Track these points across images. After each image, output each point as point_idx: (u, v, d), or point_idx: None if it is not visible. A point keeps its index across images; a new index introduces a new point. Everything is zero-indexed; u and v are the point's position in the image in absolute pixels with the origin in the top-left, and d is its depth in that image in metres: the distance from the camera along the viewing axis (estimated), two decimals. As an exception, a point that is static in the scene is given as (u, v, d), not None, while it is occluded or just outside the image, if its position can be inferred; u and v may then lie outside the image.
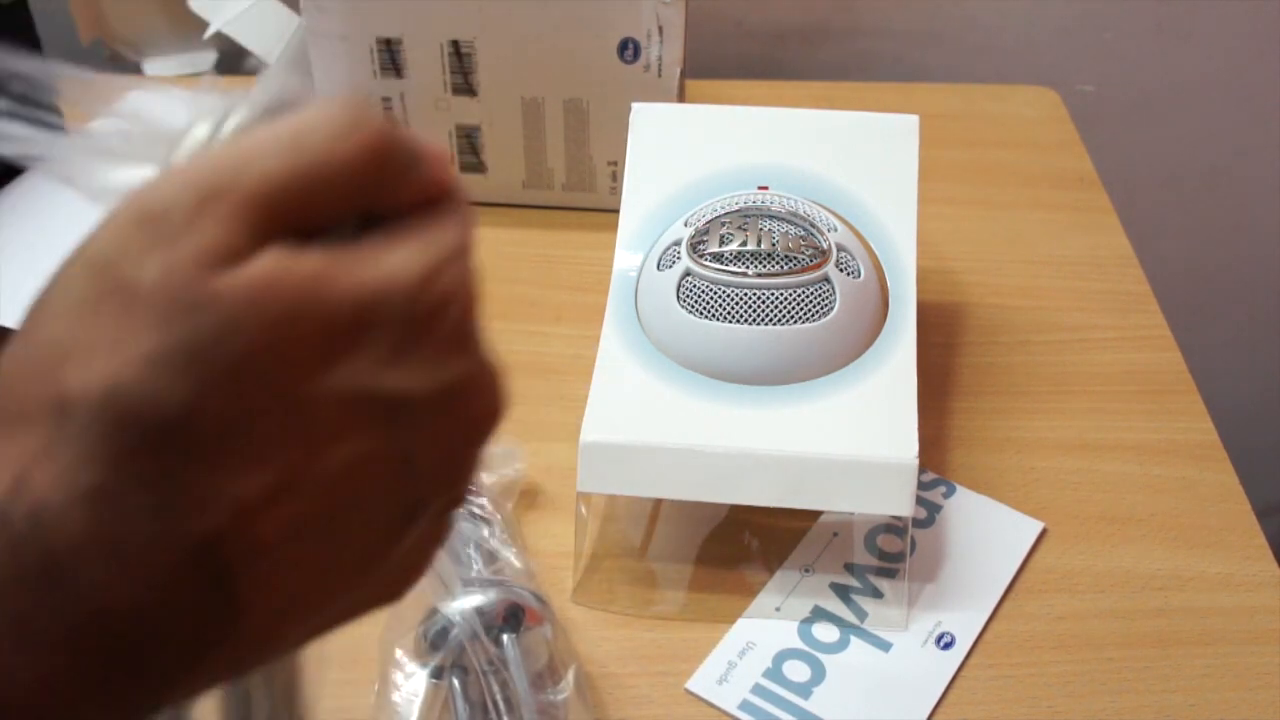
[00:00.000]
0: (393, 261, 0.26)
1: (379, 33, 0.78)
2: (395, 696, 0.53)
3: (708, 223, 0.63)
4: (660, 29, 0.77)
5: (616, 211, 0.67)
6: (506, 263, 0.81)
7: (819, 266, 0.60)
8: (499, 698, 0.51)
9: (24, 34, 0.80)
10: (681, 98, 0.80)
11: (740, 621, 0.60)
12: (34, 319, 0.26)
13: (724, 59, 1.03)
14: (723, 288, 0.60)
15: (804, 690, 0.57)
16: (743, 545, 0.63)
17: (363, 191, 0.27)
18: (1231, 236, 1.17)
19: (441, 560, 0.55)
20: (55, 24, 0.90)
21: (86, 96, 0.29)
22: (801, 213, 0.63)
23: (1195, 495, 0.66)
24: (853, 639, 0.59)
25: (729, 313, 0.60)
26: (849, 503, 0.59)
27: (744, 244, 0.61)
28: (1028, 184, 0.88)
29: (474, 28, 0.78)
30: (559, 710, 0.52)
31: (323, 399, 0.25)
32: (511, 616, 0.52)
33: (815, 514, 0.64)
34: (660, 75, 0.78)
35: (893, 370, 0.60)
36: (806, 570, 0.62)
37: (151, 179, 0.26)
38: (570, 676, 0.53)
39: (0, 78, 0.28)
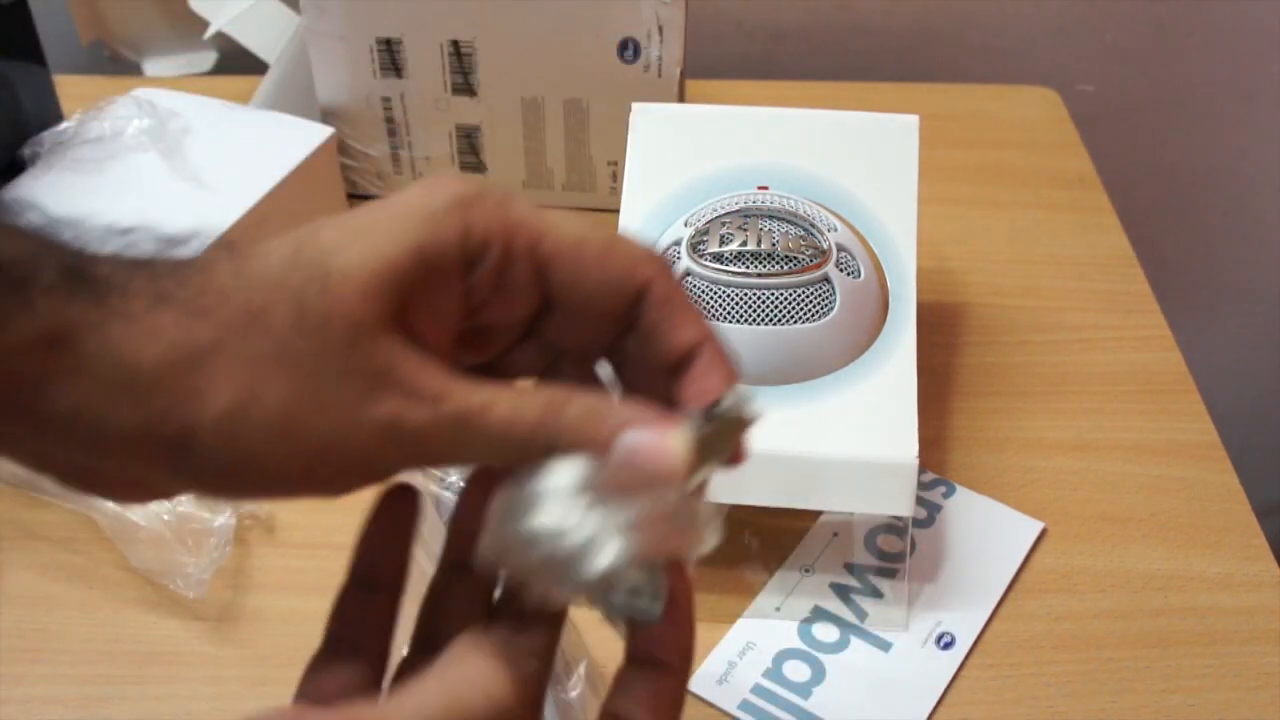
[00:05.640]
0: None
1: (379, 33, 0.78)
2: None
3: (708, 223, 0.63)
4: (660, 29, 0.77)
5: (616, 211, 0.67)
6: (506, 263, 0.81)
7: (819, 266, 0.60)
8: None
9: (24, 34, 0.80)
10: (681, 98, 0.80)
11: (740, 621, 0.60)
12: None
13: (724, 59, 1.03)
14: (723, 288, 0.60)
15: (804, 690, 0.57)
16: (743, 545, 0.63)
17: None
18: (1231, 236, 1.17)
19: None
20: (55, 24, 0.90)
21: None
22: (801, 213, 0.63)
23: (1195, 495, 0.66)
24: (853, 639, 0.59)
25: (729, 313, 0.60)
26: (849, 503, 0.59)
27: (744, 244, 0.61)
28: (1028, 184, 0.88)
29: (474, 28, 0.78)
30: (573, 708, 0.52)
31: None
32: None
33: (815, 514, 0.64)
34: (660, 75, 0.78)
35: (893, 370, 0.60)
36: (806, 570, 0.62)
37: None
38: (581, 670, 0.53)
39: None
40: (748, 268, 0.60)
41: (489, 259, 0.32)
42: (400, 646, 0.35)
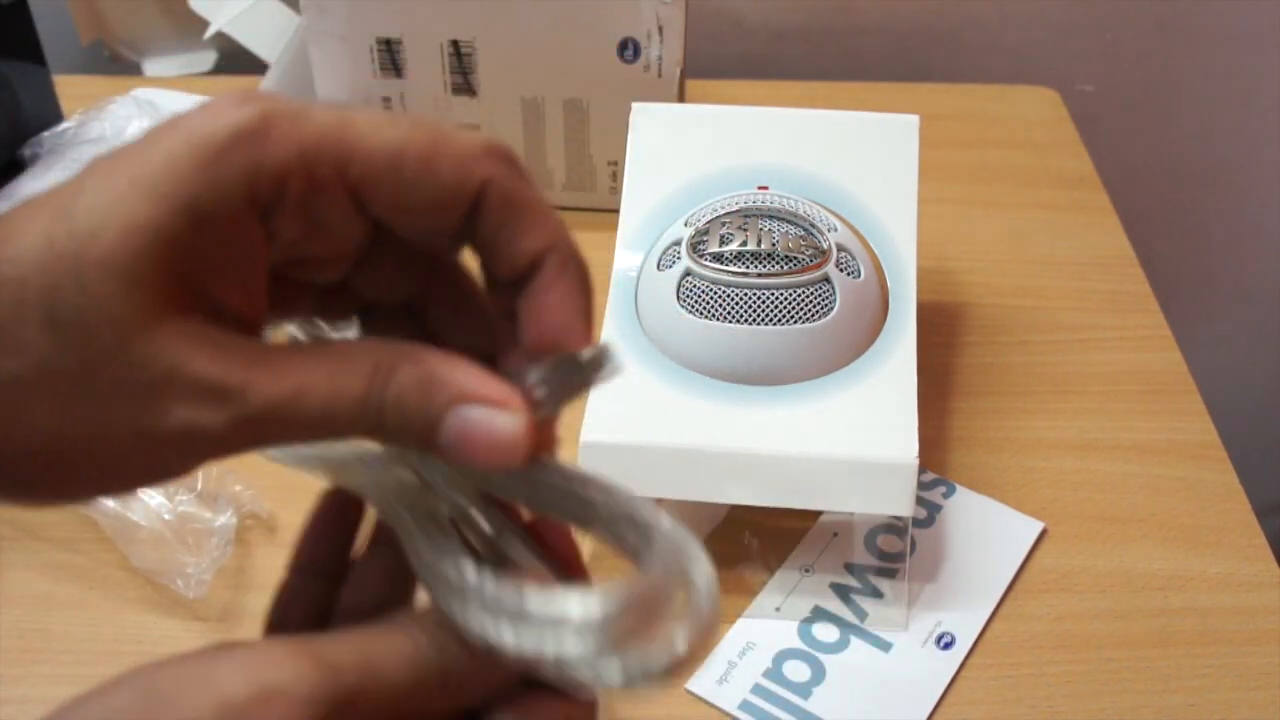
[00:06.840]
0: None
1: (379, 33, 0.78)
2: None
3: (708, 223, 0.63)
4: (660, 29, 0.77)
5: (616, 211, 0.67)
6: (506, 263, 0.80)
7: (819, 266, 0.61)
8: None
9: (24, 34, 0.80)
10: (681, 98, 0.80)
11: (740, 621, 0.60)
12: None
13: (724, 59, 1.03)
14: (723, 288, 0.60)
15: (804, 690, 0.57)
16: (743, 545, 0.63)
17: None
18: (1231, 236, 1.17)
19: None
20: (55, 24, 0.90)
21: None
22: (801, 213, 0.63)
23: (1195, 495, 0.66)
24: (853, 639, 0.59)
25: (729, 313, 0.60)
26: (849, 503, 0.59)
27: (744, 244, 0.61)
28: (1028, 184, 0.88)
29: (474, 28, 0.78)
30: None
31: None
32: None
33: (815, 514, 0.64)
34: (660, 75, 0.78)
35: (893, 370, 0.60)
36: (806, 570, 0.62)
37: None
38: None
39: None
40: (748, 268, 0.60)
41: (288, 199, 0.27)
42: None
